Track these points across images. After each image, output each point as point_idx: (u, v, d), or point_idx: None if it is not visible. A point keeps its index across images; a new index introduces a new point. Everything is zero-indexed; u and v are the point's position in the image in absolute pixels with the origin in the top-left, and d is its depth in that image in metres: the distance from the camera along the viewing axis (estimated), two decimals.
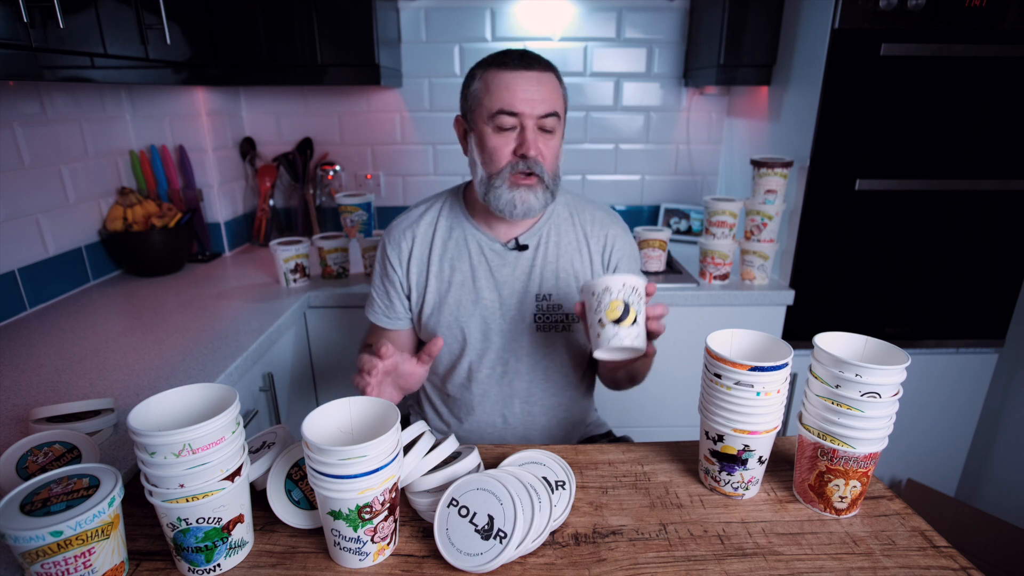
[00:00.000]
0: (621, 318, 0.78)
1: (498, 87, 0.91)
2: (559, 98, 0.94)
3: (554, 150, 0.96)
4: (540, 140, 0.93)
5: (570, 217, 1.06)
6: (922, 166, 1.50)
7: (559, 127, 0.95)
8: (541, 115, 0.92)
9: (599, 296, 0.79)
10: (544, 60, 0.94)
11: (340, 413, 0.66)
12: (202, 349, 1.14)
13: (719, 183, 2.14)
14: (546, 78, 0.93)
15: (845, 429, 0.67)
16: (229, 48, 1.61)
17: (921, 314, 1.64)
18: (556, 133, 0.95)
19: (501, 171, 0.94)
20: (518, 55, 0.93)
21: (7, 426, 0.88)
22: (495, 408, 1.06)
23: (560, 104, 0.95)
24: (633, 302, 0.79)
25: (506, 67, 0.92)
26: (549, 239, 1.04)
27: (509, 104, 0.91)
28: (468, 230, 1.04)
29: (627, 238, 1.08)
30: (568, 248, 1.04)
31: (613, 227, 1.07)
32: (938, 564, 0.64)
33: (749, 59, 1.69)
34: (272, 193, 1.97)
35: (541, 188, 0.95)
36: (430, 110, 2.02)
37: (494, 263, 1.03)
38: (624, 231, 1.08)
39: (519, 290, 1.03)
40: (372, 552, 0.62)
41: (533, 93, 0.91)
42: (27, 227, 1.33)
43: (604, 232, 1.06)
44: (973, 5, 1.37)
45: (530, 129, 0.92)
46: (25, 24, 0.92)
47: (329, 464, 0.57)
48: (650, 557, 0.64)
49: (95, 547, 0.55)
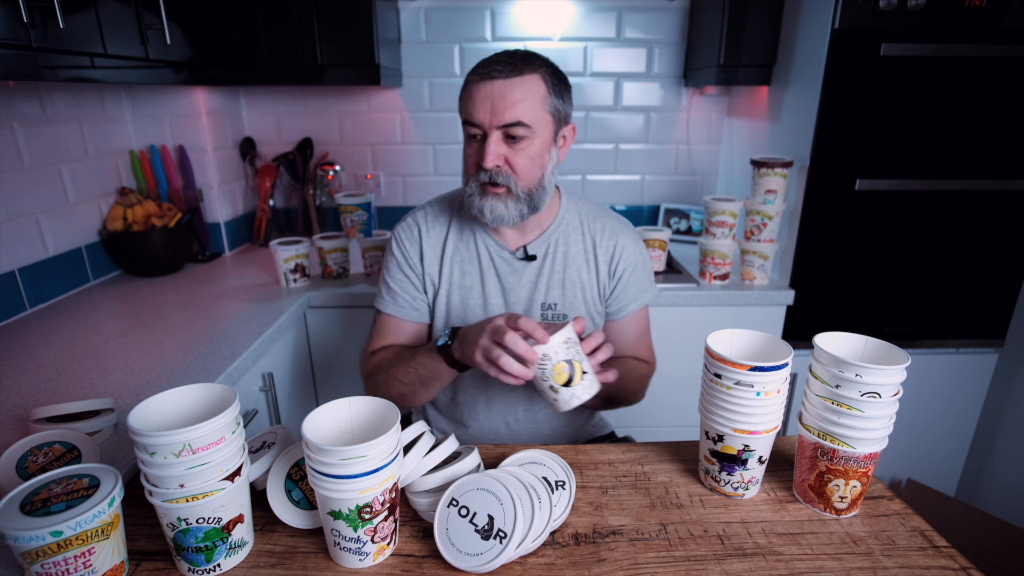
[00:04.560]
0: (569, 379, 0.77)
1: (466, 95, 0.91)
2: (534, 104, 0.89)
3: (527, 159, 0.91)
4: (509, 150, 0.90)
5: (580, 226, 1.05)
6: (922, 166, 1.50)
7: (532, 136, 0.90)
8: (502, 124, 0.88)
9: (541, 365, 0.77)
10: (523, 64, 0.89)
11: (340, 413, 0.66)
12: (202, 349, 1.14)
13: (719, 183, 2.14)
14: (516, 84, 0.87)
15: (845, 429, 0.67)
16: (229, 48, 1.61)
17: (921, 314, 1.64)
18: (528, 142, 0.90)
19: (471, 179, 0.94)
20: (489, 61, 0.90)
21: (7, 426, 0.88)
22: (499, 414, 1.06)
23: (534, 111, 0.89)
24: (573, 355, 0.78)
25: (475, 74, 0.91)
26: (557, 248, 1.03)
27: (470, 113, 0.90)
28: (479, 234, 1.03)
29: (636, 248, 1.06)
30: (576, 258, 1.04)
31: (623, 237, 1.05)
32: (938, 564, 0.64)
33: (749, 59, 1.69)
34: (272, 193, 1.97)
35: (512, 199, 0.92)
36: (430, 110, 2.02)
37: (502, 270, 1.03)
38: (634, 241, 1.07)
39: (525, 298, 1.03)
40: (372, 552, 0.62)
41: (496, 102, 0.87)
42: (27, 227, 1.33)
43: (613, 242, 1.05)
44: (973, 5, 1.37)
45: (492, 140, 0.89)
46: (25, 24, 0.92)
47: (329, 464, 0.57)
48: (650, 557, 0.64)
49: (95, 547, 0.55)
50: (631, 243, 1.06)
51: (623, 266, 1.04)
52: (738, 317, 1.59)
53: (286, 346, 1.42)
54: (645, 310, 1.10)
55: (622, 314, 1.06)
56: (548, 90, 0.91)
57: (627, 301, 1.06)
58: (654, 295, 1.10)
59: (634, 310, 1.07)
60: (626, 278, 1.05)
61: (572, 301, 1.03)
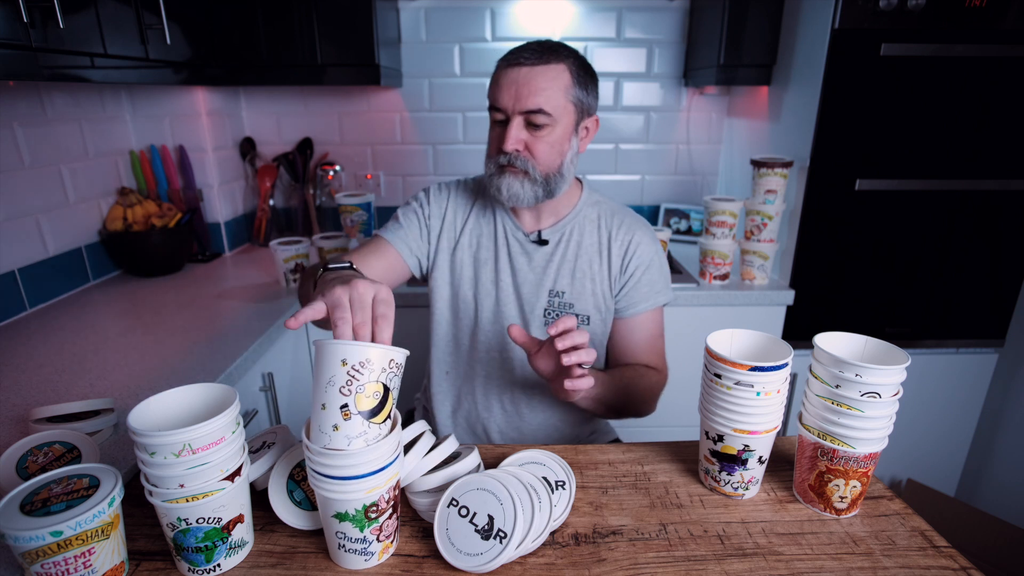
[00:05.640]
0: (376, 410, 0.58)
1: (494, 80, 0.95)
2: (557, 94, 0.91)
3: (547, 146, 0.94)
4: (529, 136, 0.93)
5: (597, 219, 1.06)
6: (922, 166, 1.50)
7: (553, 124, 0.93)
8: (524, 111, 0.91)
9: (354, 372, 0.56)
10: (550, 54, 0.91)
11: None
12: (202, 349, 1.14)
13: (719, 183, 2.14)
14: (540, 73, 0.90)
15: (845, 429, 0.67)
16: (229, 48, 1.61)
17: (921, 314, 1.64)
18: (549, 129, 0.93)
19: (490, 160, 0.98)
20: (519, 49, 0.93)
21: (7, 426, 0.88)
22: (493, 393, 1.08)
23: (556, 100, 0.92)
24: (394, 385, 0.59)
25: (503, 60, 0.94)
26: (572, 237, 1.04)
27: (495, 98, 0.94)
28: (499, 213, 1.06)
29: (652, 247, 1.05)
30: (588, 249, 1.04)
31: (639, 233, 1.04)
32: (938, 564, 0.64)
33: (749, 59, 1.69)
34: (272, 193, 1.97)
35: (528, 180, 0.95)
36: (430, 110, 2.02)
37: (515, 250, 1.05)
38: (651, 240, 1.05)
39: (533, 281, 1.04)
40: (377, 551, 0.62)
41: (520, 88, 0.91)
42: (27, 227, 1.33)
43: (628, 238, 1.04)
44: (973, 5, 1.37)
45: (514, 124, 0.92)
46: (25, 24, 0.92)
47: (337, 467, 0.57)
48: (650, 557, 0.64)
49: (95, 547, 0.55)
50: (647, 241, 1.05)
51: (636, 262, 1.04)
52: (738, 317, 1.59)
53: (286, 346, 1.42)
54: (658, 314, 1.08)
55: (630, 312, 1.05)
56: (572, 80, 0.93)
57: (638, 299, 1.04)
58: (668, 298, 1.07)
59: (644, 310, 1.05)
60: (638, 275, 1.04)
61: (580, 291, 1.04)
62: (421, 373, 1.23)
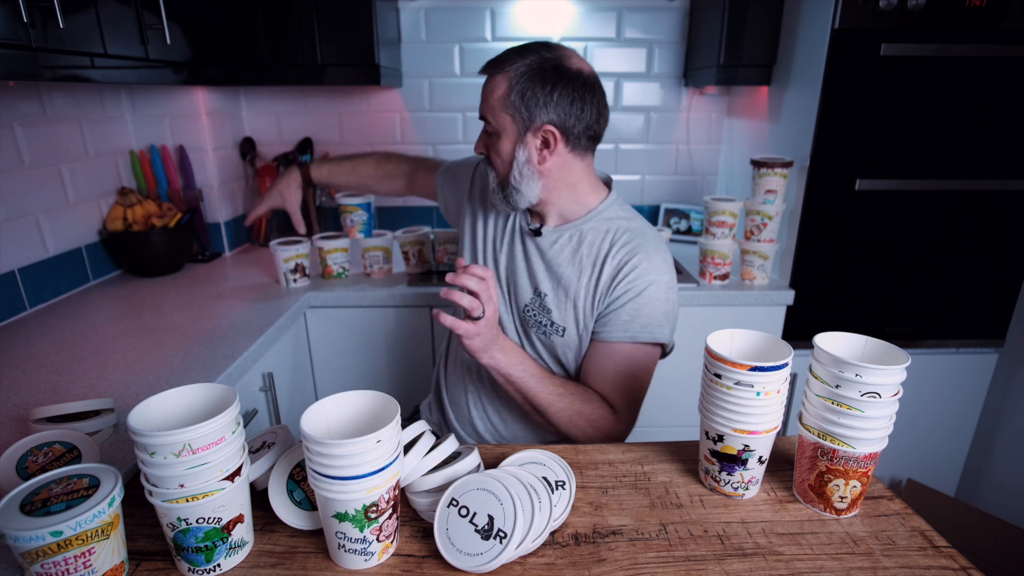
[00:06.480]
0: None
1: None
2: (493, 104, 0.92)
3: (495, 155, 0.96)
4: (489, 142, 0.97)
5: (605, 232, 0.98)
6: (922, 166, 1.50)
7: (501, 133, 0.94)
8: (480, 118, 0.97)
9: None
10: (500, 63, 0.92)
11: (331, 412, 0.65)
12: (202, 349, 1.14)
13: (719, 183, 2.14)
14: (488, 82, 0.94)
15: (845, 429, 0.67)
16: (229, 48, 1.61)
17: (921, 314, 1.64)
18: (496, 138, 0.95)
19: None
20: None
21: (7, 426, 0.88)
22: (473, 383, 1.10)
23: (494, 112, 0.93)
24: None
25: None
26: (570, 243, 0.99)
27: None
28: None
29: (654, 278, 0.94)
30: (582, 260, 0.98)
31: (645, 259, 0.94)
32: (938, 564, 0.64)
33: (749, 59, 1.69)
34: None
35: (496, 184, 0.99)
36: (430, 110, 2.02)
37: (515, 237, 1.06)
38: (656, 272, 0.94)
39: (522, 271, 1.04)
40: (377, 551, 0.62)
41: (481, 97, 0.96)
42: (27, 227, 1.33)
43: (628, 258, 0.94)
44: (973, 5, 1.37)
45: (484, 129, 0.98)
46: (25, 24, 0.91)
47: (337, 467, 0.57)
48: (650, 557, 0.64)
49: (95, 547, 0.55)
50: (652, 270, 0.94)
51: (627, 286, 0.94)
52: (738, 317, 1.59)
53: (286, 346, 1.42)
54: (639, 352, 0.96)
55: (603, 336, 0.96)
56: (508, 91, 0.91)
57: (616, 325, 0.95)
58: (657, 339, 0.95)
59: (620, 339, 0.95)
60: (624, 300, 0.94)
61: (561, 300, 0.99)
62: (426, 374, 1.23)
